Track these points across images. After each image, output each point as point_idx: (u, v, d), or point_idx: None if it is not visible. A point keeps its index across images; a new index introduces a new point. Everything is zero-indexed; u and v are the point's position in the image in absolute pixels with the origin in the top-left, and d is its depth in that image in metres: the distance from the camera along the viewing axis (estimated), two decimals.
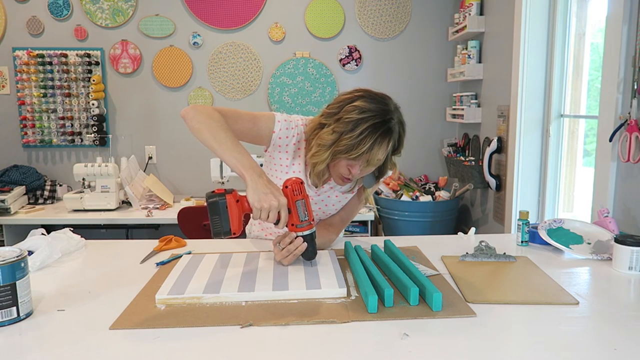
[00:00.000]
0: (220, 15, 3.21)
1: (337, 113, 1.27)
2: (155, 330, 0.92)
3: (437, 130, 3.40)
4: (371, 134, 1.22)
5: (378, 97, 1.28)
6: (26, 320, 0.97)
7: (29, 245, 1.33)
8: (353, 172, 1.29)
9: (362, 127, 1.22)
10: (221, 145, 1.16)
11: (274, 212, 1.11)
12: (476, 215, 3.11)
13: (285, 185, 1.16)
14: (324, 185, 1.42)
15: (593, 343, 0.88)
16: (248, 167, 1.13)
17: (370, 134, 1.22)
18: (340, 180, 1.35)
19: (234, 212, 1.11)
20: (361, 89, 1.31)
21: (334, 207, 1.48)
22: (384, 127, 1.24)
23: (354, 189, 1.45)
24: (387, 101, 1.29)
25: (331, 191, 1.44)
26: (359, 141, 1.22)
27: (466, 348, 0.86)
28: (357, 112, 1.23)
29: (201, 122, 1.19)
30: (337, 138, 1.24)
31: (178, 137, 3.30)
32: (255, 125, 1.33)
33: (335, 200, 1.46)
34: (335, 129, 1.25)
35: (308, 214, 1.18)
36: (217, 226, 1.10)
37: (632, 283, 1.18)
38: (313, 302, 1.04)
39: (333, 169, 1.33)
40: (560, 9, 2.38)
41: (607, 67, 1.78)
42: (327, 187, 1.43)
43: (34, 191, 3.03)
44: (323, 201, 1.45)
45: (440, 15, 3.29)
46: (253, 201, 1.10)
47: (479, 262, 1.32)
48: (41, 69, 3.15)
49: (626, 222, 1.70)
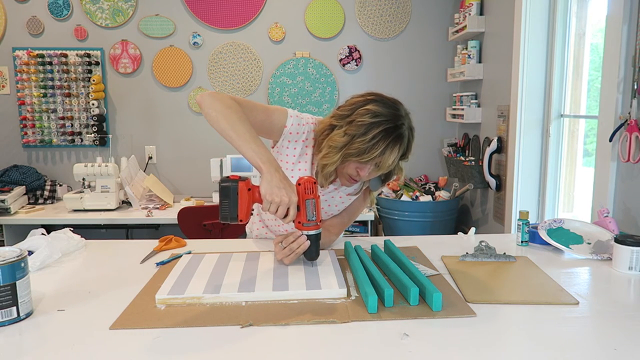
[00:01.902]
0: (220, 15, 3.21)
1: (349, 115, 1.27)
2: (155, 330, 0.92)
3: (437, 130, 3.40)
4: (383, 139, 1.23)
5: (390, 102, 1.29)
6: (26, 320, 0.97)
7: (29, 245, 1.33)
8: (361, 175, 1.30)
9: (374, 131, 1.22)
10: (240, 136, 1.15)
11: (283, 208, 1.11)
12: (476, 215, 3.11)
13: (298, 182, 1.17)
14: (329, 185, 1.41)
15: (593, 343, 0.88)
16: (266, 161, 1.13)
17: (382, 138, 1.23)
18: (347, 182, 1.35)
19: (244, 199, 1.12)
20: (373, 93, 1.31)
21: (337, 207, 1.48)
22: (395, 133, 1.24)
23: (359, 191, 1.46)
24: (398, 106, 1.29)
25: (335, 192, 1.44)
26: (371, 145, 1.22)
27: (466, 348, 0.86)
28: (370, 116, 1.23)
29: (218, 111, 1.17)
30: (348, 141, 1.24)
31: (178, 137, 3.31)
32: (268, 117, 1.32)
33: (339, 201, 1.46)
34: (347, 131, 1.25)
35: (316, 214, 1.18)
36: (225, 210, 1.12)
37: (632, 283, 1.18)
38: (313, 302, 1.04)
39: (341, 170, 1.33)
40: (560, 9, 2.38)
41: (607, 67, 1.78)
42: (331, 187, 1.43)
43: (34, 191, 3.03)
44: (327, 201, 1.45)
45: (440, 15, 3.29)
46: (265, 193, 1.10)
47: (479, 262, 1.32)
48: (41, 69, 3.15)
49: (626, 222, 1.70)
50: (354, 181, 1.34)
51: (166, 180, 3.33)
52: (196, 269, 1.21)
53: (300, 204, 1.16)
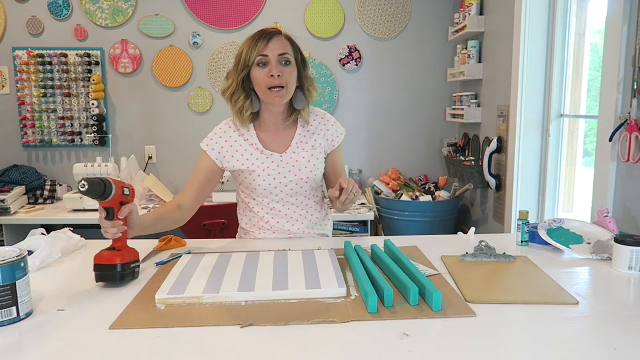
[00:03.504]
0: (220, 15, 3.21)
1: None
2: (155, 330, 0.92)
3: (437, 130, 3.40)
4: (250, 39, 1.43)
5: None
6: (26, 320, 0.97)
7: (29, 245, 1.33)
8: (273, 72, 1.40)
9: (244, 43, 1.44)
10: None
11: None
12: (476, 215, 3.11)
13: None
14: (287, 150, 1.52)
15: (593, 343, 0.88)
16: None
17: (250, 38, 1.43)
18: (273, 93, 1.42)
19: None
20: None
21: (307, 168, 1.52)
22: (260, 32, 1.43)
23: (295, 103, 1.53)
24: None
25: (295, 155, 1.52)
26: (247, 47, 1.42)
27: (466, 348, 0.86)
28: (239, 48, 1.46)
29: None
30: (233, 68, 1.46)
31: (178, 137, 3.30)
32: (199, 171, 1.56)
33: (305, 162, 1.53)
34: (229, 73, 1.49)
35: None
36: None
37: (632, 283, 1.18)
38: (313, 302, 1.04)
39: (259, 89, 1.45)
40: (560, 9, 2.38)
41: (607, 67, 1.78)
42: (289, 151, 1.52)
43: (34, 191, 3.03)
44: (289, 164, 1.52)
45: (440, 15, 3.29)
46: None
47: (479, 262, 1.32)
48: (41, 69, 3.15)
49: (626, 222, 1.70)
50: (278, 87, 1.42)
51: (166, 180, 3.33)
52: (196, 269, 1.21)
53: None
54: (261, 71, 1.42)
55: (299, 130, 1.55)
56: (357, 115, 3.35)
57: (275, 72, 1.40)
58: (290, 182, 1.52)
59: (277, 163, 1.51)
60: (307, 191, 1.56)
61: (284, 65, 1.42)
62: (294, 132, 1.55)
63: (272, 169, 1.51)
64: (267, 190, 1.52)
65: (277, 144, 1.53)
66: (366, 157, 3.41)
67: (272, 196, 1.53)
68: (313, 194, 1.59)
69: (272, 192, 1.52)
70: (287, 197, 1.54)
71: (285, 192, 1.53)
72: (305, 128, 1.55)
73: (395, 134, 3.38)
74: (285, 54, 1.42)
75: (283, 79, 1.41)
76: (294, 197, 1.54)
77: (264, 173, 1.50)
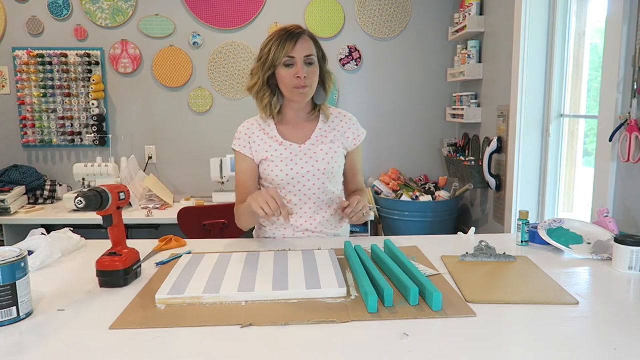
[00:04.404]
0: (220, 15, 3.21)
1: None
2: (155, 330, 0.92)
3: (437, 130, 3.40)
4: (277, 39, 1.46)
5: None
6: (26, 320, 0.97)
7: (29, 245, 1.33)
8: (299, 73, 1.44)
9: (269, 41, 1.48)
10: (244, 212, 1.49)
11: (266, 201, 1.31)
12: (476, 215, 3.11)
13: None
14: (305, 142, 1.56)
15: (593, 343, 0.88)
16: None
17: (276, 39, 1.46)
18: (297, 91, 1.47)
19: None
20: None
21: (324, 160, 1.56)
22: (286, 31, 1.47)
23: (319, 101, 1.58)
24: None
25: (314, 147, 1.56)
26: (272, 46, 1.46)
27: (466, 348, 0.86)
28: (263, 44, 1.51)
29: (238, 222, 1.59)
30: (259, 65, 1.50)
31: (178, 137, 3.30)
32: (242, 172, 1.58)
33: (323, 154, 1.56)
34: (253, 69, 1.54)
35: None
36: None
37: (632, 283, 1.18)
38: (313, 302, 1.04)
39: (283, 87, 1.49)
40: (560, 9, 2.38)
41: (607, 67, 1.78)
42: (308, 143, 1.56)
43: (34, 191, 3.03)
44: (307, 155, 1.55)
45: (440, 15, 3.29)
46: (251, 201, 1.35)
47: (479, 262, 1.32)
48: (41, 69, 3.15)
49: (626, 222, 1.70)
50: (302, 87, 1.46)
51: (166, 180, 3.33)
52: (196, 269, 1.21)
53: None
54: (288, 71, 1.46)
55: (320, 124, 1.60)
56: (357, 115, 3.26)
57: (302, 74, 1.45)
58: (307, 173, 1.55)
59: (296, 153, 1.55)
60: (324, 184, 1.57)
61: (309, 65, 1.47)
62: (314, 125, 1.59)
63: (289, 159, 1.54)
64: (285, 180, 1.54)
65: (297, 136, 1.58)
66: (366, 157, 3.40)
67: (289, 187, 1.55)
68: (330, 190, 1.59)
69: (289, 183, 1.55)
70: (305, 190, 1.56)
71: (302, 184, 1.55)
72: (326, 123, 1.61)
73: (395, 134, 3.38)
74: (310, 55, 1.47)
75: (308, 79, 1.47)
76: (311, 190, 1.56)
77: (281, 163, 1.54)
